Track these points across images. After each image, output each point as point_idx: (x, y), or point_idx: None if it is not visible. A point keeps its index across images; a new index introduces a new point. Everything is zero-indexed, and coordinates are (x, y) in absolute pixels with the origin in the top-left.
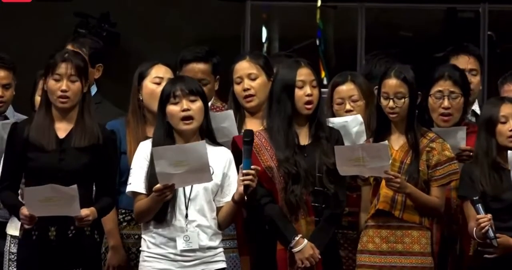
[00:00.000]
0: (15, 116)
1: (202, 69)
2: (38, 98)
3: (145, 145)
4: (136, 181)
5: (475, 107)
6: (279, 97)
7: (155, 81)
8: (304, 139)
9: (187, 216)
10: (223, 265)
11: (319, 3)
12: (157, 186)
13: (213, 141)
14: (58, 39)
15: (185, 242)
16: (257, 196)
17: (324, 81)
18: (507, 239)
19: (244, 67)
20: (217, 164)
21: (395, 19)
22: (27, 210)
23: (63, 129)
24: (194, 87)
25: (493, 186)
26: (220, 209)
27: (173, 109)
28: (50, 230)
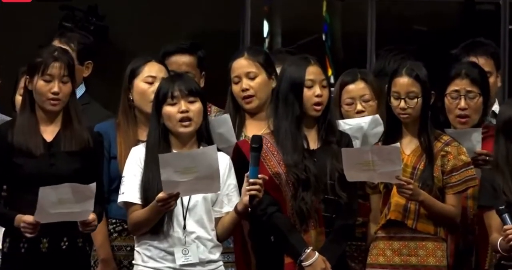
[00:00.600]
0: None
1: (186, 61)
2: (19, 98)
3: (138, 150)
4: (129, 190)
5: (496, 107)
6: (286, 98)
7: (147, 80)
8: (312, 143)
9: (185, 227)
10: None
11: None
12: (161, 195)
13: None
14: (42, 34)
15: (184, 256)
16: (262, 205)
17: (330, 79)
18: None
19: (242, 65)
20: None
21: (408, 11)
22: (33, 217)
23: (50, 132)
24: (193, 87)
25: None
26: (218, 220)
27: (171, 110)
28: (42, 241)
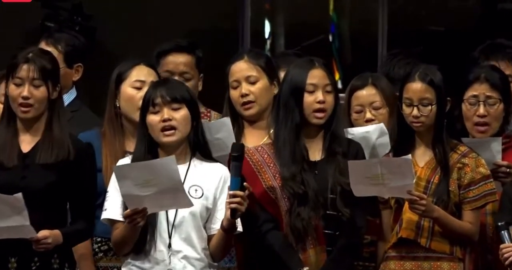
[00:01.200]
0: None
1: (184, 61)
2: (0, 105)
3: (123, 163)
4: (112, 207)
5: None
6: (287, 103)
7: (135, 85)
8: (316, 154)
9: (170, 245)
10: None
11: None
12: (126, 211)
13: (207, 156)
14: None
15: None
16: (258, 222)
17: (338, 84)
18: None
19: (241, 68)
20: (209, 183)
21: (422, 10)
22: None
23: (28, 142)
24: (178, 93)
25: None
26: (212, 238)
27: (153, 119)
28: (10, 261)
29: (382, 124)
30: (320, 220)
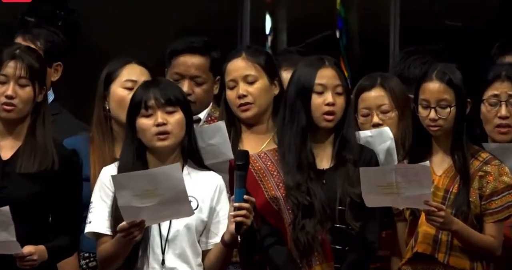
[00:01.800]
0: None
1: (196, 63)
2: None
3: (108, 171)
4: (97, 219)
5: None
6: (293, 105)
7: (126, 85)
8: (325, 161)
9: (163, 262)
10: None
11: None
12: (121, 224)
13: (199, 164)
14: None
15: None
16: (260, 236)
17: None
18: None
19: (239, 67)
20: (204, 194)
21: (438, 4)
22: None
23: (9, 148)
24: (172, 95)
25: None
26: (206, 253)
27: (145, 123)
28: None
29: (387, 128)
30: (327, 234)
